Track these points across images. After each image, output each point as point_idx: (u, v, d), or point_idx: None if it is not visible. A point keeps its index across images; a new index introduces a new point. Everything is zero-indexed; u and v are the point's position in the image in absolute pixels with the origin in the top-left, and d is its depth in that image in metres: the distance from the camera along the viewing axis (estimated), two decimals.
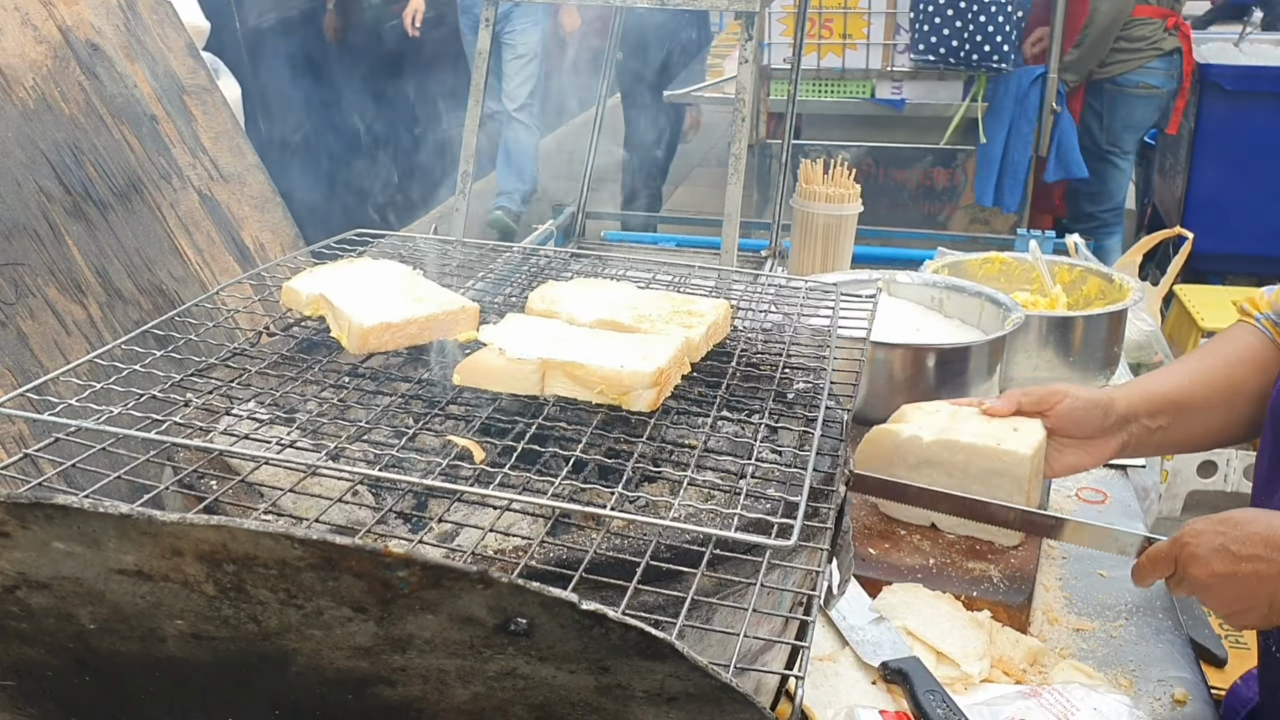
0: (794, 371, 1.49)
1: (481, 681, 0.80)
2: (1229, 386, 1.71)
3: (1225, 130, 5.46)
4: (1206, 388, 1.72)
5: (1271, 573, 1.35)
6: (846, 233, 2.86)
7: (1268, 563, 1.35)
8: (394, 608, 0.72)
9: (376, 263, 1.60)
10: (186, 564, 0.71)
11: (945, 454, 1.72)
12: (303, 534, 0.66)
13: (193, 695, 0.90)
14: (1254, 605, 1.38)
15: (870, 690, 1.49)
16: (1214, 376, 1.73)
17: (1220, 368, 1.73)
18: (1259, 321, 1.74)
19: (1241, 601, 1.39)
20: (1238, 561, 1.37)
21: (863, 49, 5.20)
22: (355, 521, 1.14)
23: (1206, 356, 1.78)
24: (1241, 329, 1.77)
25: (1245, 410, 1.72)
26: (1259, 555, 1.36)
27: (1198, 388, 1.72)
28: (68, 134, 1.70)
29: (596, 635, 0.73)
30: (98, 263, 1.66)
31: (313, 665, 0.80)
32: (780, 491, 1.21)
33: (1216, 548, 1.39)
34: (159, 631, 0.79)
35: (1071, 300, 2.63)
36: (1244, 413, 1.73)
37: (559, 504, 1.09)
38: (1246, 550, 1.37)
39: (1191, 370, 1.76)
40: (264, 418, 1.27)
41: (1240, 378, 1.71)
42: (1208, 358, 1.77)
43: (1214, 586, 1.40)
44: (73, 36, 1.77)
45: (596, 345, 1.37)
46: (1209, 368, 1.74)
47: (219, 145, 1.95)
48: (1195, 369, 1.76)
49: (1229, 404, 1.72)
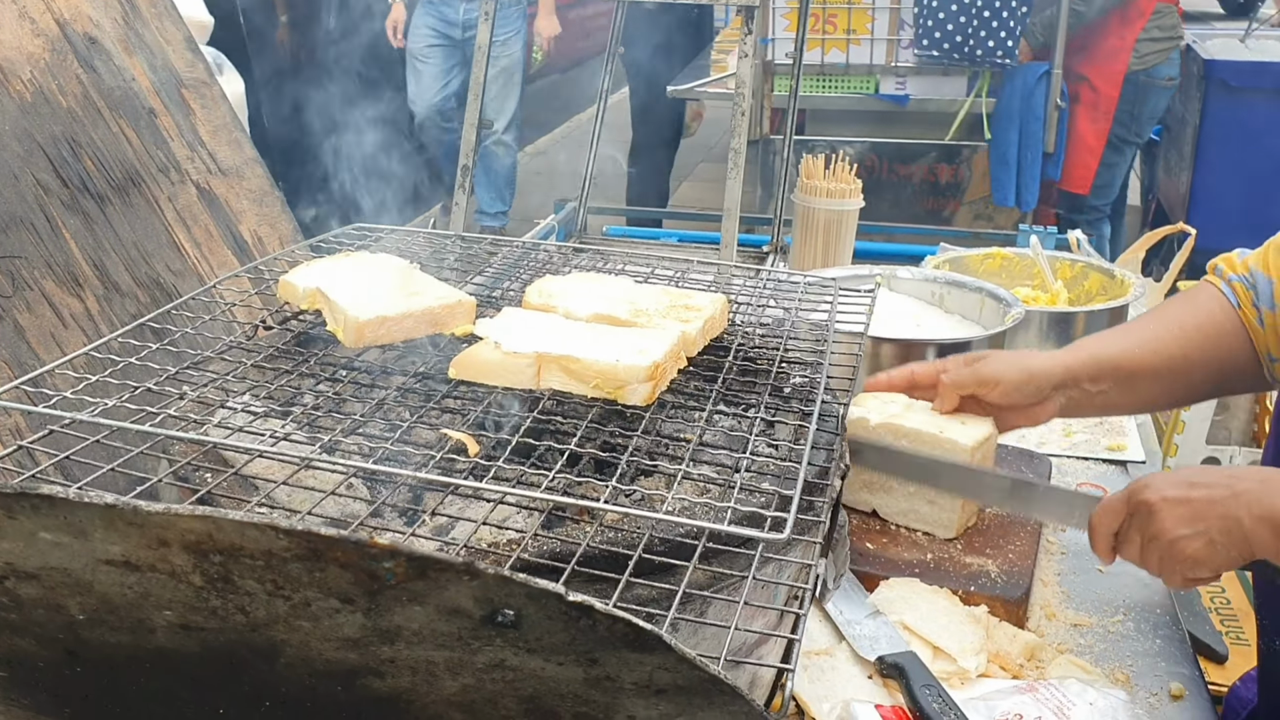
0: (791, 366, 1.48)
1: (470, 673, 0.80)
2: (1182, 356, 1.67)
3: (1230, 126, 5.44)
4: (1156, 355, 1.68)
5: (1223, 496, 1.36)
6: (847, 228, 2.86)
7: (1223, 487, 1.37)
8: (381, 599, 0.72)
9: (373, 256, 1.60)
10: (173, 554, 0.71)
11: (890, 438, 1.74)
12: (288, 524, 0.66)
13: (183, 686, 0.90)
14: (1204, 529, 1.37)
15: (867, 684, 1.49)
16: (1167, 345, 1.68)
17: (1175, 335, 1.68)
18: (1229, 284, 1.68)
19: (1190, 524, 1.38)
20: (1191, 488, 1.39)
21: (866, 44, 5.18)
22: (349, 515, 1.14)
23: (1163, 322, 1.72)
24: (1206, 293, 1.71)
25: (1194, 378, 1.70)
26: (1214, 483, 1.38)
27: (1148, 355, 1.68)
28: (65, 127, 1.70)
29: (584, 627, 0.73)
30: (95, 256, 1.66)
31: (301, 656, 0.80)
32: (774, 485, 1.21)
33: (1173, 480, 1.42)
34: (148, 622, 0.79)
35: (1073, 296, 2.63)
36: (1192, 381, 1.71)
37: (552, 497, 1.09)
38: (1202, 479, 1.39)
39: (1146, 336, 1.71)
40: (259, 411, 1.27)
41: (1195, 346, 1.67)
42: (1164, 324, 1.71)
43: (1163, 511, 1.39)
44: (70, 30, 1.77)
45: (592, 339, 1.37)
46: (1162, 335, 1.69)
47: (217, 139, 1.95)
48: (1149, 335, 1.70)
49: (1177, 373, 1.69)
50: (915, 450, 1.67)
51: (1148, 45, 5.13)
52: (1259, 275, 1.64)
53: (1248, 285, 1.67)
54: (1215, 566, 1.38)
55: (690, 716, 0.82)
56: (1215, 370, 1.68)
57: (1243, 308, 1.67)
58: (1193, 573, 1.40)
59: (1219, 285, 1.70)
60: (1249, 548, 1.35)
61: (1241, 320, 1.66)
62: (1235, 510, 1.34)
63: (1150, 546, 1.42)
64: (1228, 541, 1.35)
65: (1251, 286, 1.65)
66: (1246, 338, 1.66)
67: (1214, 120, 5.46)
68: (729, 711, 0.81)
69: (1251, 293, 1.66)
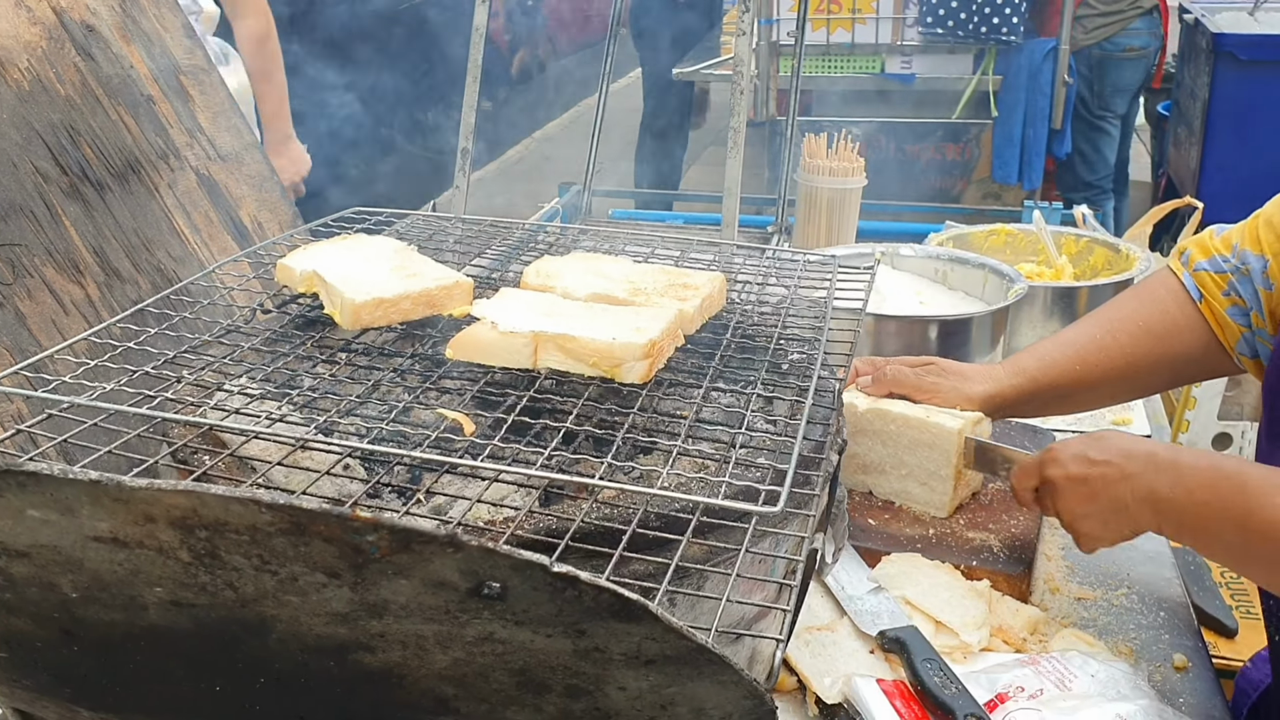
0: (789, 343, 1.48)
1: (460, 646, 0.80)
2: (1126, 363, 1.68)
3: (1239, 100, 5.40)
4: (1095, 369, 1.69)
5: (1116, 476, 1.42)
6: (851, 206, 2.85)
7: (1116, 468, 1.43)
8: (366, 573, 0.72)
9: (371, 239, 1.61)
10: (160, 530, 0.71)
11: (878, 423, 1.77)
12: (269, 498, 0.66)
13: (179, 664, 0.90)
14: (1097, 509, 1.45)
15: (868, 659, 1.49)
16: (1110, 354, 1.69)
17: (1121, 342, 1.68)
18: (1193, 275, 1.65)
19: (1086, 504, 1.46)
20: (1091, 465, 1.45)
21: (872, 23, 5.17)
22: (346, 494, 1.14)
23: (1107, 327, 1.71)
24: (1163, 288, 1.68)
25: (1141, 381, 1.73)
26: (1110, 461, 1.44)
27: (1086, 370, 1.70)
28: (64, 115, 1.70)
29: (570, 598, 0.73)
30: (95, 243, 1.66)
31: (292, 632, 0.80)
32: (770, 460, 1.21)
33: (1076, 454, 1.48)
34: (140, 599, 0.80)
35: (1078, 271, 2.62)
36: (1134, 385, 1.75)
37: (547, 474, 1.09)
38: (1101, 457, 1.45)
39: (1090, 347, 1.71)
40: (255, 393, 1.27)
41: (1142, 350, 1.67)
42: (1108, 329, 1.71)
43: (1066, 490, 1.48)
44: (67, 18, 1.77)
45: (589, 318, 1.37)
46: (1107, 344, 1.69)
47: (216, 125, 1.95)
48: (1093, 346, 1.70)
49: (1118, 381, 1.71)
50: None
51: (1095, 20, 5.09)
52: (1249, 255, 1.59)
53: (1222, 270, 1.62)
54: (1110, 540, 1.49)
55: (680, 687, 0.82)
56: (1166, 368, 1.69)
57: (1207, 299, 1.63)
58: (1092, 545, 1.50)
59: (1180, 276, 1.67)
60: (1136, 525, 1.44)
61: (1201, 314, 1.64)
62: (1122, 493, 1.42)
63: (1061, 519, 1.52)
64: (1118, 521, 1.44)
65: (1234, 269, 1.61)
66: (1205, 330, 1.64)
67: (1223, 93, 5.42)
68: (719, 681, 0.81)
69: (1227, 277, 1.61)
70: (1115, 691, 1.38)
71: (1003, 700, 1.39)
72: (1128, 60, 5.19)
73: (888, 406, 1.76)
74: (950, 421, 1.69)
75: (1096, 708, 1.35)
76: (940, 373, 1.77)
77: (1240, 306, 1.59)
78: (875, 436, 1.78)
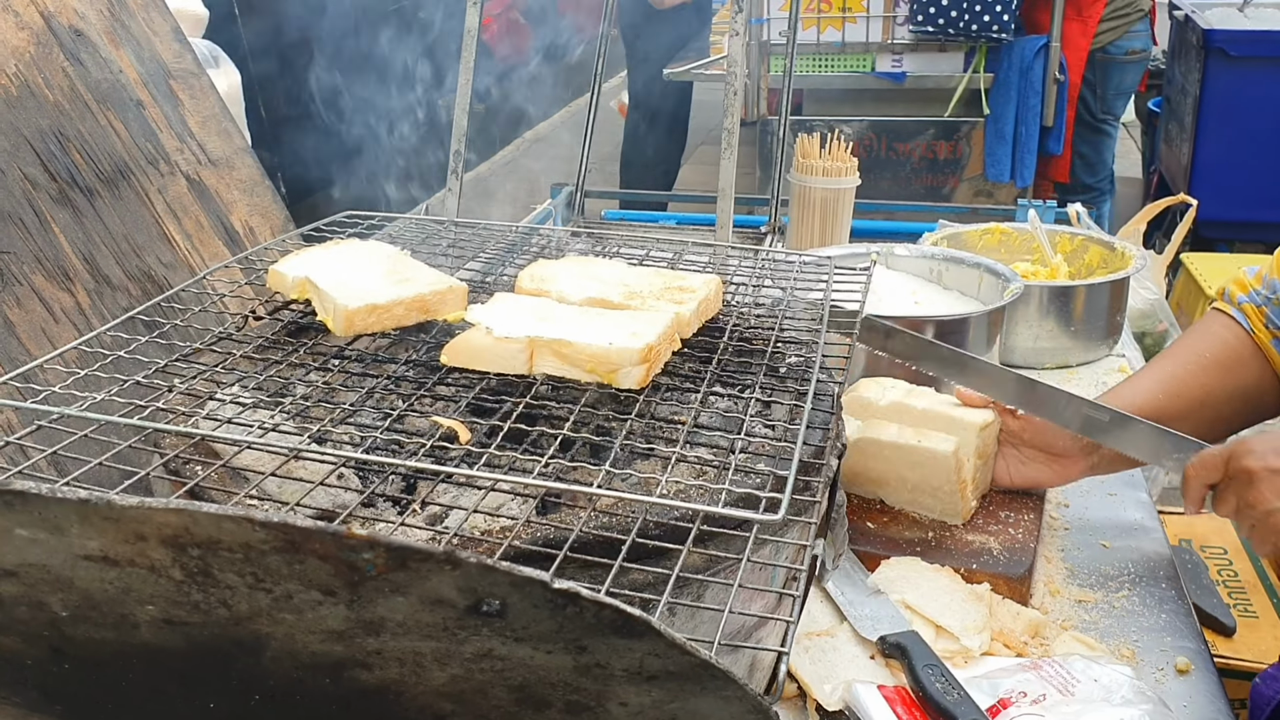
0: (786, 345, 1.47)
1: (459, 663, 0.78)
2: (1203, 392, 1.67)
3: (1230, 96, 5.40)
4: (1178, 399, 1.67)
5: None
6: (844, 206, 2.84)
7: None
8: (363, 590, 0.70)
9: (363, 244, 1.59)
10: (151, 549, 0.70)
11: (896, 421, 1.76)
12: (263, 516, 0.64)
13: (172, 682, 0.89)
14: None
15: (869, 665, 1.48)
16: (1187, 385, 1.68)
17: (1193, 372, 1.68)
18: (1239, 309, 1.68)
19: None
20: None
21: (862, 22, 5.15)
22: (340, 505, 1.13)
23: (1179, 360, 1.72)
24: (1217, 322, 1.71)
25: (1221, 412, 1.69)
26: None
27: (1169, 400, 1.67)
28: (52, 120, 1.69)
29: (571, 614, 0.72)
30: (85, 250, 1.65)
31: (287, 650, 0.79)
32: (770, 466, 1.19)
33: (1276, 447, 1.39)
34: (131, 618, 0.78)
35: (1073, 270, 2.61)
36: (1220, 415, 1.70)
37: (543, 483, 1.08)
38: None
39: (1164, 378, 1.70)
40: (248, 402, 1.26)
41: (1215, 380, 1.66)
42: (1179, 362, 1.71)
43: (1263, 480, 1.38)
44: (55, 22, 1.75)
45: (585, 323, 1.35)
46: (1180, 374, 1.69)
47: (207, 129, 1.94)
48: (1167, 376, 1.70)
49: (1202, 410, 1.68)
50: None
51: (1101, 25, 5.10)
52: (1278, 284, 1.62)
53: (1259, 303, 1.64)
54: None
55: (683, 702, 0.81)
56: (1240, 399, 1.67)
57: (1256, 331, 1.65)
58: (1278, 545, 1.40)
59: (1229, 311, 1.69)
60: None
61: (1256, 344, 1.65)
62: None
63: (1246, 513, 1.41)
64: None
65: (1267, 300, 1.63)
66: (1264, 361, 1.65)
67: (1214, 90, 5.42)
68: (722, 696, 0.79)
69: (1265, 310, 1.63)
70: (1118, 697, 1.37)
71: (1005, 706, 1.38)
72: (1130, 63, 5.19)
73: (909, 401, 1.76)
74: (973, 415, 1.69)
75: (1099, 713, 1.34)
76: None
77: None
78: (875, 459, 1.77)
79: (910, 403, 1.76)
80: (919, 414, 1.75)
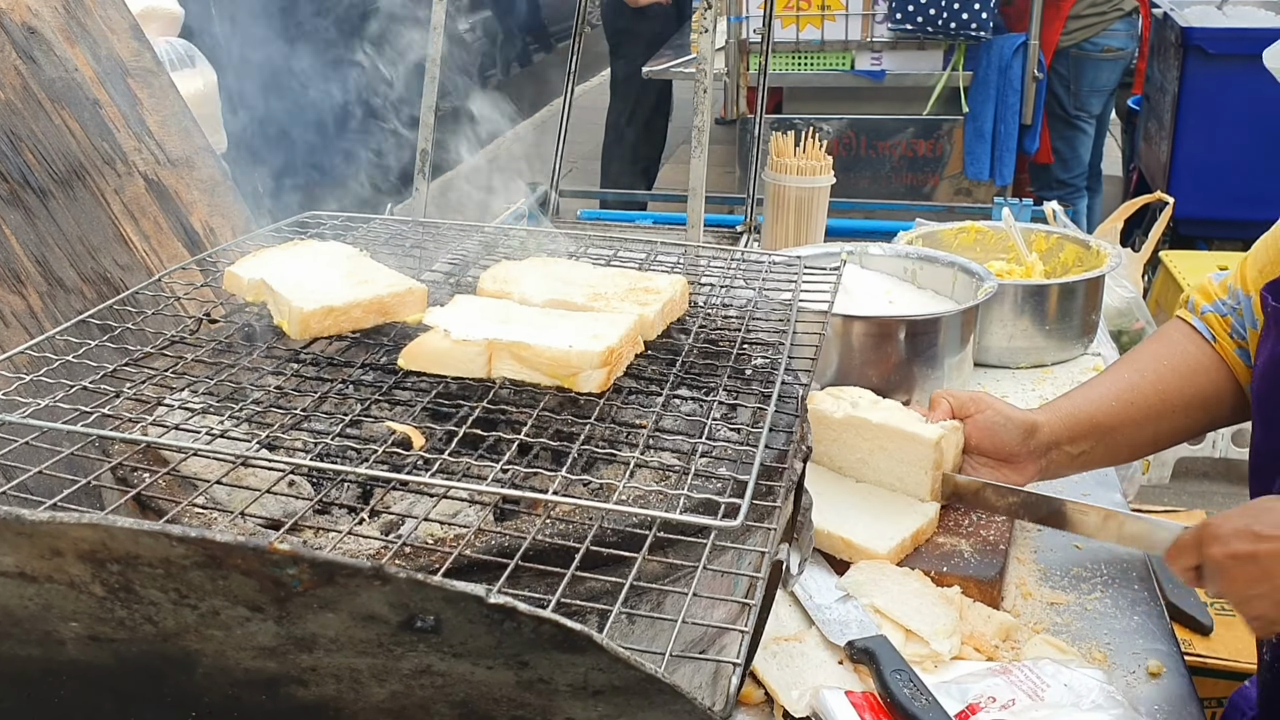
0: (753, 347, 1.44)
1: (398, 679, 0.76)
2: (1159, 400, 1.67)
3: (1209, 94, 5.40)
4: (1133, 406, 1.67)
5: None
6: (819, 205, 2.82)
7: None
8: (291, 606, 0.68)
9: (322, 244, 1.56)
10: (69, 564, 0.67)
11: (853, 432, 1.75)
12: (180, 531, 0.62)
13: (105, 698, 0.86)
14: (1272, 589, 1.32)
15: (837, 670, 1.46)
16: (1143, 392, 1.67)
17: (1150, 380, 1.68)
18: (1201, 319, 1.68)
19: (1257, 584, 1.34)
20: (1259, 541, 1.33)
21: (841, 20, 5.14)
22: (290, 513, 1.10)
23: (1135, 367, 1.72)
24: (1178, 331, 1.71)
25: (1177, 421, 1.69)
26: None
27: (1123, 407, 1.67)
28: (3, 120, 1.65)
29: (509, 630, 0.69)
30: (37, 251, 1.61)
31: (219, 666, 0.76)
32: (731, 470, 1.17)
33: (1239, 529, 1.36)
34: (56, 634, 0.75)
35: (1049, 268, 2.59)
36: (1175, 424, 1.70)
37: (498, 490, 1.05)
38: (1270, 530, 1.33)
39: (1121, 385, 1.70)
40: (197, 407, 1.23)
41: (1173, 389, 1.66)
42: (1137, 369, 1.71)
43: (1231, 568, 1.36)
44: (7, 19, 1.72)
45: (546, 325, 1.32)
46: (1137, 382, 1.68)
47: (166, 129, 1.90)
48: (1123, 385, 1.70)
49: (1157, 419, 1.68)
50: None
51: (1074, 22, 5.11)
52: (1240, 294, 1.62)
53: (1224, 312, 1.64)
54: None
55: (631, 717, 0.78)
56: (1198, 407, 1.66)
57: (1219, 340, 1.65)
58: (1266, 629, 1.39)
59: (1190, 321, 1.69)
60: None
61: (1218, 353, 1.64)
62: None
63: (1227, 597, 1.40)
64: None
65: (1231, 310, 1.63)
66: (1226, 371, 1.64)
67: (1193, 88, 5.42)
68: (671, 711, 0.77)
69: (1229, 319, 1.63)
70: (1088, 701, 1.35)
71: (974, 711, 1.36)
72: (1105, 61, 5.19)
73: (865, 415, 1.75)
74: (926, 431, 1.68)
75: (1069, 718, 1.32)
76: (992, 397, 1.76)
77: (1244, 348, 1.61)
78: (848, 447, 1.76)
79: (867, 416, 1.74)
80: (874, 429, 1.73)
